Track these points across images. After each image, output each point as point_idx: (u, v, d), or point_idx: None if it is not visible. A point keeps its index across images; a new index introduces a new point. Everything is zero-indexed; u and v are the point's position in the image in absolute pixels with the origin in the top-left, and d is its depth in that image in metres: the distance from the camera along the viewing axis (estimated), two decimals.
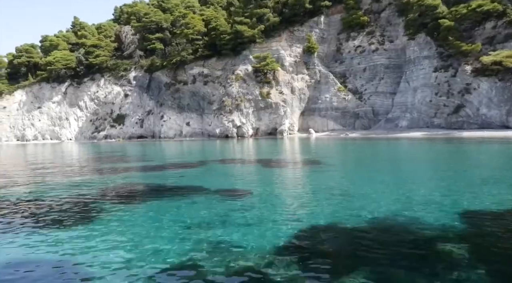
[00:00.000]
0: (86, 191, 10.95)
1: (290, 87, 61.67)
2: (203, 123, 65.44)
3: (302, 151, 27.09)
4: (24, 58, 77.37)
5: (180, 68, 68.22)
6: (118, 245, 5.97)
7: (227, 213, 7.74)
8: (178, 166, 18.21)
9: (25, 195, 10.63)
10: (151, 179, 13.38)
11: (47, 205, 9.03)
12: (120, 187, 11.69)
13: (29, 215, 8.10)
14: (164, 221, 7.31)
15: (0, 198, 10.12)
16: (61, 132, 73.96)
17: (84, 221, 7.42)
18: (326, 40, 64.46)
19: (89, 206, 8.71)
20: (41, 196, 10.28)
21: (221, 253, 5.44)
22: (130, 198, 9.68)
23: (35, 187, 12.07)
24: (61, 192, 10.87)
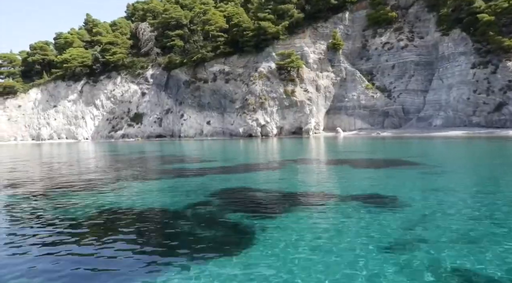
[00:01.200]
0: (207, 205, 9.36)
1: (315, 85, 60.05)
2: (224, 122, 63.85)
3: (365, 150, 25.47)
4: (38, 55, 75.82)
5: (200, 65, 66.63)
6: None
7: (410, 226, 6.22)
8: (257, 167, 16.66)
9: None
10: (251, 181, 11.83)
11: (175, 225, 7.47)
12: (233, 192, 10.13)
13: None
14: (341, 238, 5.70)
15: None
16: (77, 132, 72.40)
17: (240, 248, 5.56)
18: (351, 37, 62.83)
19: (235, 224, 7.09)
20: (170, 210, 8.75)
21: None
22: (270, 208, 8.09)
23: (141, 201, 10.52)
24: (173, 204, 9.32)
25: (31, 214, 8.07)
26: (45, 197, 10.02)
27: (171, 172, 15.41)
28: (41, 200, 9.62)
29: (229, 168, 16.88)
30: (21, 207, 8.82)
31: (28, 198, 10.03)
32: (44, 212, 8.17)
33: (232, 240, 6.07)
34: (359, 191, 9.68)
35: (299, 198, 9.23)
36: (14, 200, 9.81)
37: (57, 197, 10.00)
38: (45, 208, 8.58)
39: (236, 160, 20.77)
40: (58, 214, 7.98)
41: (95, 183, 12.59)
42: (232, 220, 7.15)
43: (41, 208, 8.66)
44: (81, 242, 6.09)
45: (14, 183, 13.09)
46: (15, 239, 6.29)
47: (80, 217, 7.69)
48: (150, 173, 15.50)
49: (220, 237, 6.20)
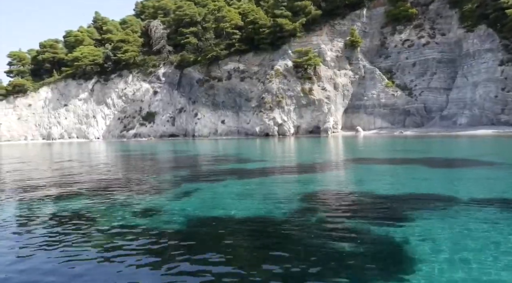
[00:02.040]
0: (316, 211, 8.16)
1: (333, 83, 58.80)
2: (239, 121, 62.66)
3: (414, 149, 24.22)
4: (48, 53, 74.73)
5: (214, 63, 65.42)
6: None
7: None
8: (318, 167, 15.47)
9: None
10: (330, 183, 10.65)
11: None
12: (324, 195, 8.94)
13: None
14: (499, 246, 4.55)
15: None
16: (88, 131, 71.31)
17: (402, 265, 4.51)
18: (369, 34, 61.55)
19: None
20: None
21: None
22: (388, 214, 6.86)
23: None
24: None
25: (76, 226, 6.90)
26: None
27: (231, 173, 14.22)
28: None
29: (288, 168, 15.69)
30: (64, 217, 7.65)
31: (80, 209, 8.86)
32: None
33: (382, 255, 4.88)
34: (473, 194, 8.48)
35: (411, 201, 8.01)
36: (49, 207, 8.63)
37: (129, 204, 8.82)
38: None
39: (287, 160, 19.56)
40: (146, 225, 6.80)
41: (158, 185, 11.40)
42: (359, 229, 5.97)
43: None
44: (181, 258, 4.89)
45: (38, 186, 11.92)
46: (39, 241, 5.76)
47: (161, 228, 6.51)
48: (211, 174, 14.30)
49: (365, 251, 4.98)
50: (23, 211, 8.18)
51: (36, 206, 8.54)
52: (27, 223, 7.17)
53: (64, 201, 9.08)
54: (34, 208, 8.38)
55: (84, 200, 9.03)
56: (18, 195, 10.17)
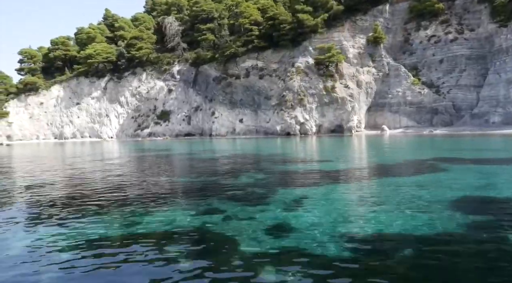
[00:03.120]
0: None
1: (356, 80, 57.15)
2: (257, 119, 60.98)
3: (473, 148, 22.51)
4: (60, 51, 73.08)
5: (231, 61, 63.73)
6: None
7: None
8: (407, 168, 13.79)
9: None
10: (457, 186, 8.96)
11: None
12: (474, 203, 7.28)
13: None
14: None
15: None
16: (101, 130, 69.69)
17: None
18: (391, 30, 59.85)
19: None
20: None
21: None
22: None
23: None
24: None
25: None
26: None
27: (317, 176, 12.49)
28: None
29: (369, 169, 13.98)
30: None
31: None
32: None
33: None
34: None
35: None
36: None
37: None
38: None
39: (355, 160, 17.85)
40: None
41: (260, 193, 9.70)
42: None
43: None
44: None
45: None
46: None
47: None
48: (296, 178, 12.61)
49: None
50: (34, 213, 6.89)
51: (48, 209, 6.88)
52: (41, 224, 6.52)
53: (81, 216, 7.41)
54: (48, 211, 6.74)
55: (103, 218, 7.37)
56: (28, 196, 8.55)
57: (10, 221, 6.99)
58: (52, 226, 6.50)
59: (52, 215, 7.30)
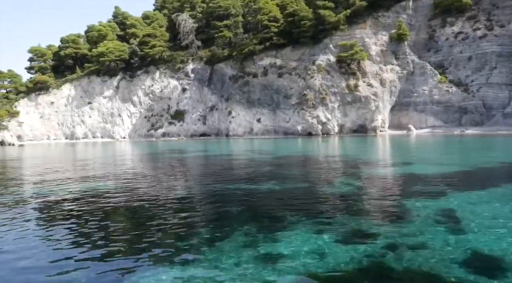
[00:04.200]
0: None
1: (379, 79, 55.24)
2: (276, 119, 59.07)
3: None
4: (71, 49, 71.25)
5: (248, 59, 61.85)
6: None
7: None
8: (492, 172, 11.95)
9: None
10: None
11: None
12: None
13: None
14: None
15: None
16: (113, 130, 67.81)
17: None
18: (414, 27, 57.92)
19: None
20: None
21: None
22: None
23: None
24: None
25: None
26: None
27: (440, 182, 10.59)
28: None
29: (463, 173, 12.10)
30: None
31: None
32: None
33: None
34: None
35: None
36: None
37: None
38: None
39: (441, 163, 15.95)
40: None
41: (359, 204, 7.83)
42: None
43: None
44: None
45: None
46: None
47: None
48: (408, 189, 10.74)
49: None
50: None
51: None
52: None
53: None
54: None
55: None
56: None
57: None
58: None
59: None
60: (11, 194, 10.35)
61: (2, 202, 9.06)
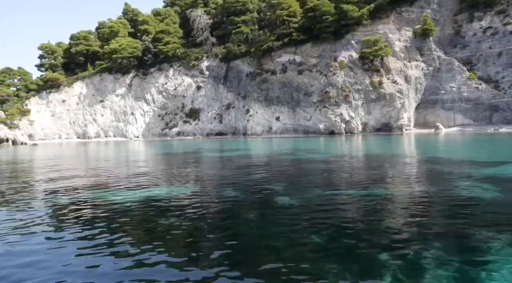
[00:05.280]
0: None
1: (404, 75, 53.35)
2: (295, 117, 57.20)
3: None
4: (82, 46, 69.49)
5: (266, 55, 60.05)
6: None
7: None
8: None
9: None
10: None
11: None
12: None
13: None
14: None
15: None
16: (126, 129, 66.06)
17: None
18: (439, 22, 56.00)
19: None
20: None
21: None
22: None
23: None
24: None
25: None
26: None
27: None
28: None
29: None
30: None
31: None
32: None
33: None
34: None
35: None
36: None
37: None
38: None
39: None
40: None
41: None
42: None
43: None
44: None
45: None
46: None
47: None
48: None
49: None
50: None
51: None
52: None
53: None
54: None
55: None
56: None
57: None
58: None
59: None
60: (45, 201, 8.53)
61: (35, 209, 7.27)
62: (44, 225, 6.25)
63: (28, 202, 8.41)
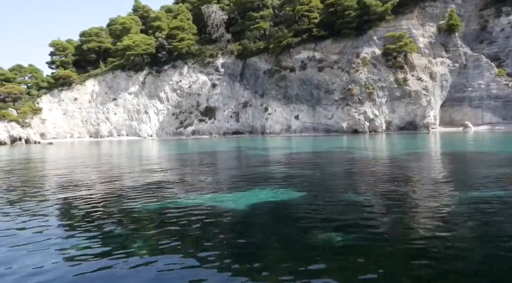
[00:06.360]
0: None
1: (429, 72, 51.76)
2: (315, 116, 55.59)
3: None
4: (94, 43, 67.88)
5: (284, 52, 58.43)
6: None
7: None
8: None
9: None
10: None
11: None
12: None
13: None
14: None
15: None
16: (139, 128, 64.49)
17: None
18: (464, 18, 54.34)
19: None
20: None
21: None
22: None
23: None
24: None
25: None
26: None
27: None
28: None
29: None
30: None
31: None
32: None
33: None
34: None
35: None
36: None
37: None
38: None
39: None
40: None
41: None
42: None
43: None
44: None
45: None
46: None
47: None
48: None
49: None
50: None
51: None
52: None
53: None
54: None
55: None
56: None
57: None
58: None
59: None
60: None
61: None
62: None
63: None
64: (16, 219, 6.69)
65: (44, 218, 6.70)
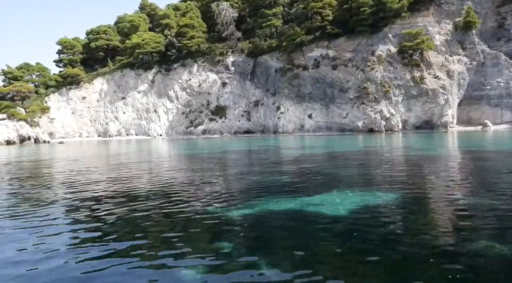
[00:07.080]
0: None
1: (446, 70, 50.75)
2: (329, 114, 54.66)
3: None
4: (102, 41, 66.95)
5: (297, 50, 57.47)
6: None
7: None
8: None
9: None
10: None
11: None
12: None
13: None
14: None
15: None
16: (149, 127, 63.56)
17: None
18: (481, 15, 53.33)
19: None
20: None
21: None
22: None
23: None
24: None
25: None
26: None
27: None
28: None
29: None
30: None
31: None
32: None
33: None
34: None
35: None
36: None
37: None
38: None
39: None
40: None
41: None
42: None
43: None
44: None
45: None
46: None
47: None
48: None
49: None
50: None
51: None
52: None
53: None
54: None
55: None
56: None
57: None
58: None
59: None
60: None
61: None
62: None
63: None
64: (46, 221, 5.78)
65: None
